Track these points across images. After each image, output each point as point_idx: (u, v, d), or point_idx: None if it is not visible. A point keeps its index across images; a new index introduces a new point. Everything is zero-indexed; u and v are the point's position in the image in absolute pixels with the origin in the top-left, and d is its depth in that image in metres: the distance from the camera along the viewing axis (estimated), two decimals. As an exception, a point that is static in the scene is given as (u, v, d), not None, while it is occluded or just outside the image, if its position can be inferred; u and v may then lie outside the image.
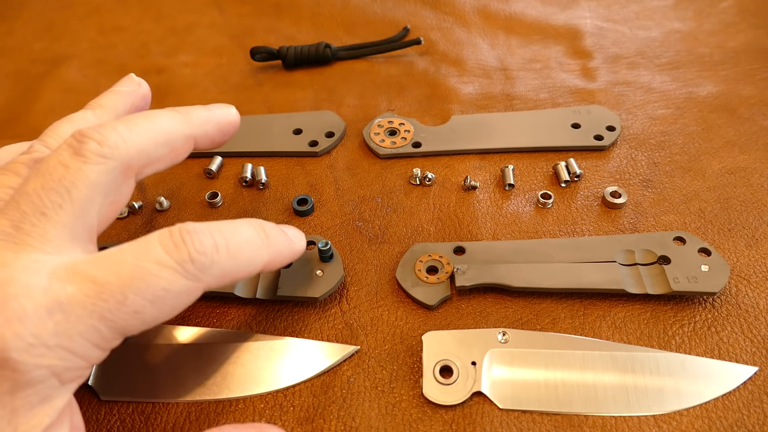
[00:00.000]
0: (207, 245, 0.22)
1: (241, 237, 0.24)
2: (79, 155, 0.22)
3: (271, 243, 0.25)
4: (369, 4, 0.58)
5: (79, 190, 0.22)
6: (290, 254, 0.27)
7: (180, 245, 0.21)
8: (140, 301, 0.20)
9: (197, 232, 0.22)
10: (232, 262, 0.23)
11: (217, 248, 0.22)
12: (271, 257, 0.25)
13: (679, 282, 0.31)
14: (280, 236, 0.26)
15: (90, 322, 0.20)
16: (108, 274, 0.20)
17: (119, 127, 0.24)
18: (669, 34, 0.51)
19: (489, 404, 0.28)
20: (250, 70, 0.51)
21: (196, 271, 0.21)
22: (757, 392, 0.28)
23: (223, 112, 0.29)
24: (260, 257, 0.25)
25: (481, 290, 0.33)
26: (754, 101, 0.44)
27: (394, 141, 0.42)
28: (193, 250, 0.21)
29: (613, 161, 0.40)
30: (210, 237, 0.22)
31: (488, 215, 0.37)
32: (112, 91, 0.30)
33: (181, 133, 0.26)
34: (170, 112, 0.26)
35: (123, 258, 0.21)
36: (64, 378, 0.20)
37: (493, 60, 0.50)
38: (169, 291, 0.21)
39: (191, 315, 0.33)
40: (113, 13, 0.60)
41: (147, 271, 0.21)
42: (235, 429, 0.23)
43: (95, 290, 0.20)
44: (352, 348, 0.31)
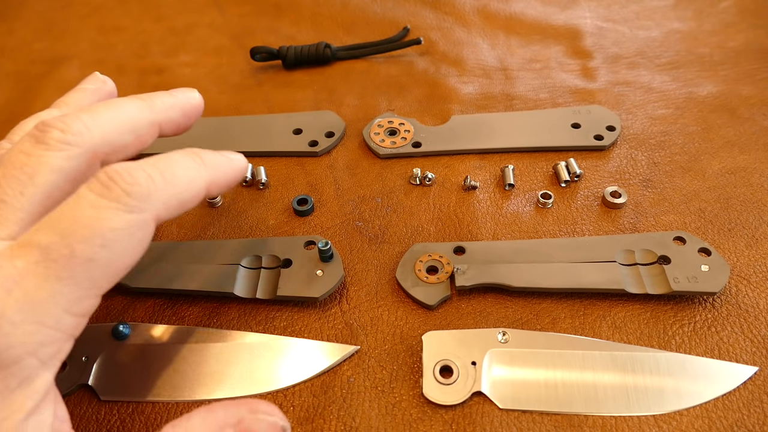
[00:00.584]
0: (138, 177, 0.22)
1: (173, 163, 0.23)
2: (41, 143, 0.22)
3: (206, 163, 0.25)
4: (369, 4, 0.58)
5: (41, 176, 0.22)
6: (231, 171, 0.27)
7: (110, 184, 0.21)
8: (89, 248, 0.20)
9: (125, 169, 0.22)
10: (171, 187, 0.23)
11: (150, 178, 0.22)
12: (211, 176, 0.25)
13: (679, 282, 0.31)
14: (215, 156, 0.26)
15: (48, 287, 0.20)
16: (49, 235, 0.20)
17: (82, 115, 0.24)
18: (669, 34, 0.51)
19: (489, 404, 0.28)
20: (250, 70, 0.51)
21: (136, 202, 0.21)
22: (757, 392, 0.28)
23: (186, 96, 0.29)
24: (200, 177, 0.24)
25: (481, 290, 0.33)
26: (754, 101, 0.44)
27: (394, 141, 0.42)
28: (125, 185, 0.21)
29: (613, 161, 0.40)
30: (140, 170, 0.22)
31: (488, 215, 0.37)
32: (77, 89, 0.30)
33: (146, 120, 0.26)
34: (134, 99, 0.27)
35: (59, 215, 0.21)
36: (41, 354, 0.20)
37: (493, 60, 0.50)
38: (116, 229, 0.21)
39: (191, 315, 0.33)
40: (113, 13, 0.60)
41: (85, 217, 0.20)
42: (224, 406, 0.22)
43: (42, 254, 0.20)
44: (352, 348, 0.31)
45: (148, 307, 0.33)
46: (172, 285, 0.33)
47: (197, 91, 0.30)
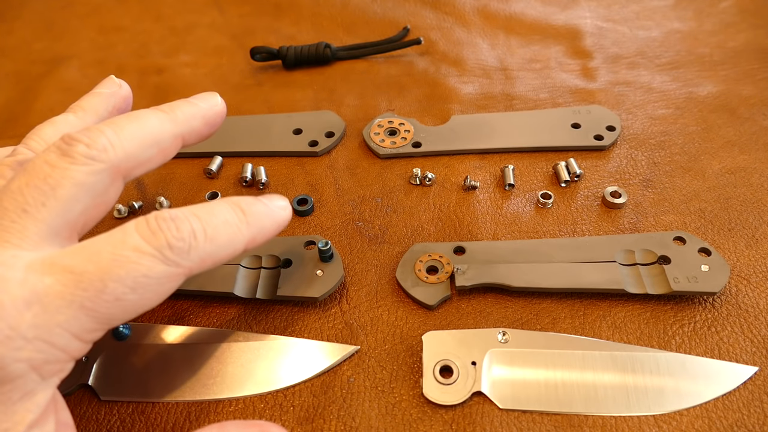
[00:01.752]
0: (184, 231, 0.22)
1: (218, 219, 0.23)
2: (67, 156, 0.22)
3: (250, 221, 0.25)
4: (369, 4, 0.58)
5: (64, 189, 0.22)
6: (274, 226, 0.26)
7: (157, 232, 0.21)
8: (120, 288, 0.20)
9: (173, 218, 0.22)
10: (211, 245, 0.23)
11: (194, 233, 0.22)
12: (252, 234, 0.25)
13: (679, 282, 0.31)
14: (260, 210, 0.26)
15: (69, 312, 0.20)
16: (86, 263, 0.20)
17: (107, 130, 0.24)
18: (669, 34, 0.51)
19: (489, 404, 0.28)
20: (250, 70, 0.51)
21: (175, 256, 0.21)
22: (757, 392, 0.28)
23: (208, 104, 0.29)
24: (240, 236, 0.24)
25: (481, 290, 0.33)
26: (754, 101, 0.44)
27: (394, 141, 0.42)
28: (171, 237, 0.21)
29: (613, 161, 0.40)
30: (186, 222, 0.22)
31: (488, 215, 0.37)
32: (93, 93, 0.29)
33: (169, 133, 0.26)
34: (156, 112, 0.26)
35: (100, 247, 0.21)
36: (44, 372, 0.20)
37: (493, 60, 0.50)
38: (150, 277, 0.21)
39: (191, 315, 0.33)
40: (113, 13, 0.60)
41: (126, 258, 0.21)
42: (237, 426, 0.23)
43: (73, 280, 0.20)
44: (352, 348, 0.31)
45: (148, 307, 0.33)
46: None
47: (218, 95, 0.30)
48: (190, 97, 0.29)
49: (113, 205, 0.25)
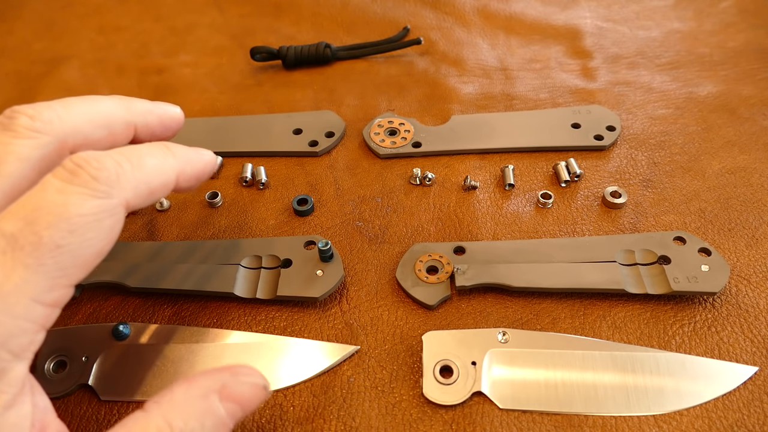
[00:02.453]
0: (106, 163, 0.21)
1: (141, 151, 0.23)
2: (9, 130, 0.22)
3: (175, 153, 0.25)
4: (369, 4, 0.58)
5: (8, 165, 0.22)
6: (201, 164, 0.27)
7: (77, 170, 0.21)
8: (57, 234, 0.20)
9: (93, 155, 0.21)
10: (140, 173, 0.22)
11: (118, 163, 0.22)
12: (181, 166, 0.25)
13: (679, 282, 0.31)
14: (185, 149, 0.26)
15: (16, 276, 0.19)
16: (14, 222, 0.20)
17: (55, 104, 0.24)
18: (669, 34, 0.51)
19: (489, 404, 0.28)
20: (250, 70, 0.51)
21: (104, 187, 0.21)
22: (757, 392, 0.28)
23: (165, 107, 0.29)
24: (168, 165, 0.24)
25: (481, 290, 0.33)
26: (754, 101, 0.44)
27: (394, 141, 0.42)
28: (92, 170, 0.21)
29: (613, 161, 0.40)
30: (107, 157, 0.22)
31: (488, 215, 0.37)
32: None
33: (122, 119, 0.26)
34: (112, 97, 0.26)
35: (24, 203, 0.20)
36: (11, 347, 0.20)
37: (493, 60, 0.50)
38: (83, 215, 0.20)
39: (191, 315, 0.33)
40: (113, 13, 0.60)
41: (51, 203, 0.20)
42: (205, 375, 0.22)
43: (7, 243, 0.19)
44: (352, 348, 0.31)
45: (148, 307, 0.33)
46: (172, 285, 0.33)
47: (179, 107, 0.30)
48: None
49: None
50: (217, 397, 0.22)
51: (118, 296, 0.34)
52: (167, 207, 0.39)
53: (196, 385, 0.22)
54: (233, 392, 0.22)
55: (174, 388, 0.22)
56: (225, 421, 0.22)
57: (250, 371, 0.23)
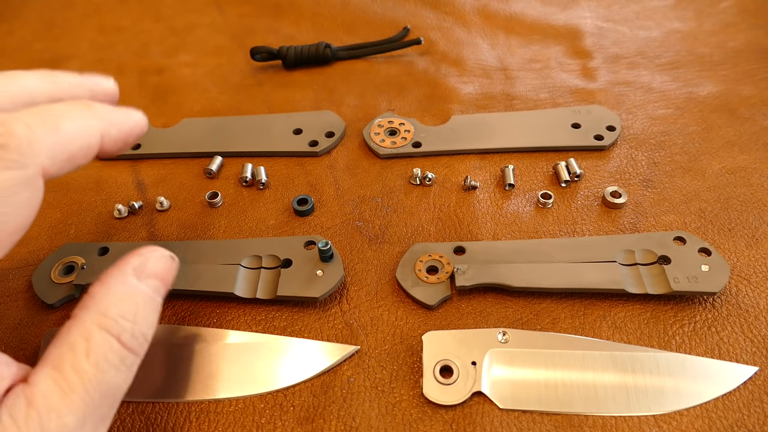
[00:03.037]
0: (15, 128, 0.20)
1: (57, 111, 0.21)
2: None
3: (99, 114, 0.23)
4: (369, 4, 0.58)
5: None
6: (128, 124, 0.25)
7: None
8: None
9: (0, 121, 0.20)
10: (57, 136, 0.21)
11: (29, 127, 0.20)
12: (105, 127, 0.23)
13: (679, 282, 0.31)
14: (109, 108, 0.24)
15: None
16: None
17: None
18: (669, 34, 0.51)
19: (489, 404, 0.28)
20: (250, 70, 0.51)
21: (16, 156, 0.19)
22: (757, 392, 0.28)
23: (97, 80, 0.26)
24: (90, 126, 0.22)
25: (481, 290, 0.33)
26: (754, 101, 0.44)
27: (394, 141, 0.42)
28: (1, 138, 0.19)
29: (613, 161, 0.40)
30: (17, 120, 0.20)
31: (488, 215, 0.37)
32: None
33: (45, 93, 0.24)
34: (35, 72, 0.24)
35: None
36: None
37: (493, 60, 0.50)
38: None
39: (191, 315, 0.33)
40: (113, 13, 0.60)
41: None
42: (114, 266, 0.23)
43: None
44: (352, 348, 0.31)
45: (148, 307, 0.33)
46: (172, 285, 0.33)
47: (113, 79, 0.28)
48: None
49: None
50: (134, 279, 0.23)
51: (118, 296, 0.34)
52: (167, 207, 0.39)
53: (109, 277, 0.23)
54: (145, 269, 0.23)
55: (90, 289, 0.22)
56: (152, 296, 0.23)
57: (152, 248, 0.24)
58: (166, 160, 0.43)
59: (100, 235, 0.37)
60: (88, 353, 0.20)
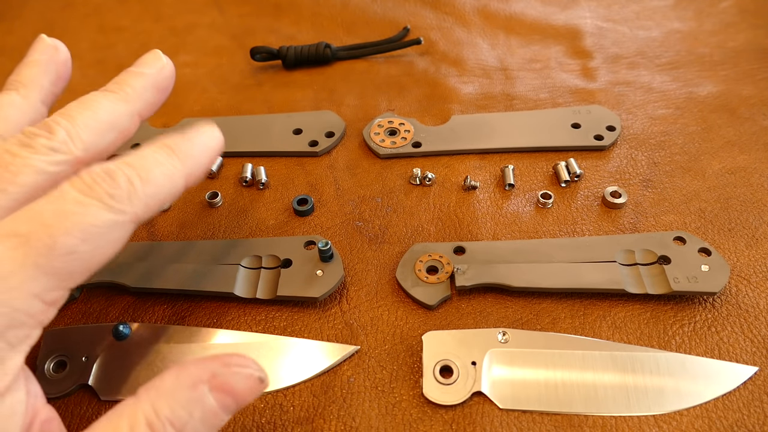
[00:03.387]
0: (119, 181, 0.22)
1: (149, 163, 0.24)
2: (28, 146, 0.23)
3: (182, 156, 0.25)
4: (369, 4, 0.58)
5: (26, 176, 0.22)
6: (208, 156, 0.27)
7: (93, 185, 0.22)
8: (71, 240, 0.21)
9: (106, 171, 0.22)
10: (150, 188, 0.23)
11: (130, 182, 0.22)
12: (188, 169, 0.25)
13: (679, 282, 0.31)
14: (190, 147, 0.26)
15: (24, 273, 0.20)
16: (30, 224, 0.21)
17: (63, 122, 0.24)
18: (669, 34, 0.51)
19: (489, 404, 0.28)
20: (250, 70, 0.51)
21: (117, 204, 0.22)
22: (757, 392, 0.28)
23: (155, 68, 0.29)
24: (176, 173, 0.24)
25: (481, 290, 0.33)
26: (754, 101, 0.44)
27: (394, 141, 0.42)
28: (107, 187, 0.22)
29: (613, 161, 0.40)
30: (119, 172, 0.22)
31: (488, 215, 0.37)
32: (28, 62, 0.29)
33: (125, 114, 0.27)
34: (107, 95, 0.26)
35: (41, 208, 0.21)
36: (10, 338, 0.20)
37: (493, 60, 0.50)
38: (97, 226, 0.21)
39: (191, 315, 0.33)
40: (113, 13, 0.60)
41: (69, 211, 0.21)
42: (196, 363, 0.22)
43: (21, 242, 0.20)
44: (352, 348, 0.31)
45: (148, 307, 0.33)
46: (172, 285, 0.33)
47: (161, 53, 0.30)
48: (134, 65, 0.29)
49: None
50: (206, 387, 0.21)
51: (118, 296, 0.34)
52: (167, 207, 0.39)
53: (185, 373, 0.22)
54: (224, 383, 0.21)
55: (164, 375, 0.22)
56: (216, 412, 0.21)
57: (244, 361, 0.22)
58: (166, 160, 0.42)
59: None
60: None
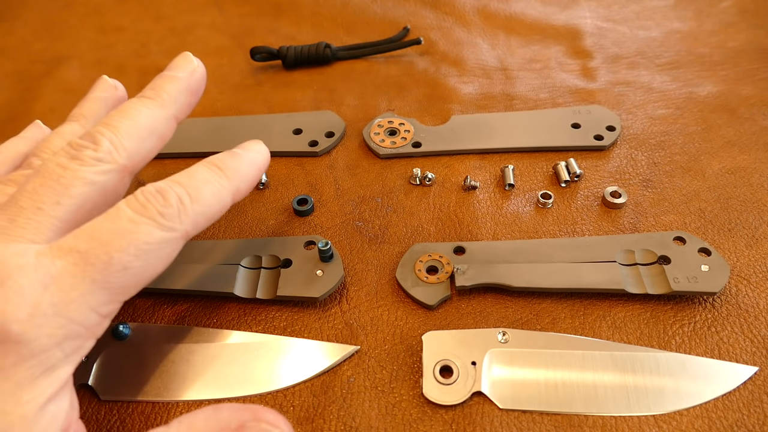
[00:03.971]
0: (170, 200, 0.24)
1: (198, 182, 0.25)
2: (76, 159, 0.24)
3: (229, 175, 0.27)
4: (369, 4, 0.58)
5: (77, 188, 0.24)
6: (255, 173, 0.28)
7: (146, 204, 0.23)
8: (125, 257, 0.22)
9: (159, 191, 0.24)
10: (199, 206, 0.25)
11: (180, 200, 0.24)
12: (236, 187, 0.27)
13: (679, 282, 0.31)
14: (238, 164, 0.27)
15: (82, 287, 0.21)
16: (89, 241, 0.22)
17: (106, 133, 0.26)
18: (669, 34, 0.51)
19: (489, 404, 0.28)
20: (250, 70, 0.51)
21: (168, 222, 0.23)
22: (757, 392, 0.28)
23: (187, 72, 0.30)
24: (224, 192, 0.26)
25: (481, 290, 0.33)
26: (754, 101, 0.44)
27: (394, 141, 0.42)
28: (159, 207, 0.23)
29: (613, 161, 0.40)
30: (170, 192, 0.24)
31: (488, 215, 0.37)
32: (91, 98, 0.31)
33: (163, 120, 0.28)
34: (145, 101, 0.28)
35: (99, 226, 0.23)
36: (65, 348, 0.22)
37: (493, 60, 0.50)
38: (150, 243, 0.23)
39: (191, 315, 0.33)
40: (113, 13, 0.60)
41: (124, 230, 0.23)
42: (230, 408, 0.23)
43: (81, 258, 0.22)
44: (352, 348, 0.31)
45: (148, 307, 0.33)
46: (172, 285, 0.33)
47: (191, 55, 0.31)
48: (166, 70, 0.30)
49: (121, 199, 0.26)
50: None
51: (118, 296, 0.34)
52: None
53: (217, 416, 0.22)
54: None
55: (198, 412, 0.23)
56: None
57: (275, 419, 0.23)
58: (166, 160, 0.43)
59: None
60: None
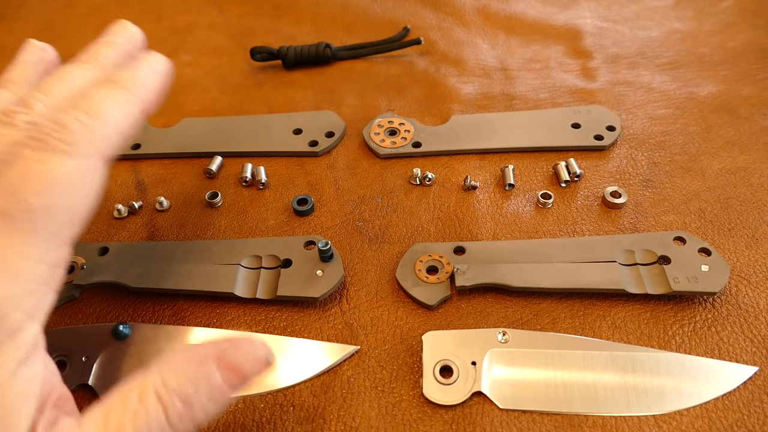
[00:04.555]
0: (70, 125, 0.22)
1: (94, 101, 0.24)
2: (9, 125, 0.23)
3: (129, 87, 0.25)
4: (369, 4, 0.58)
5: None
6: (158, 80, 0.27)
7: (46, 139, 0.22)
8: (44, 198, 0.21)
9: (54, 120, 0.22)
10: (105, 125, 0.23)
11: (81, 123, 0.23)
12: (141, 99, 0.25)
13: (679, 282, 0.31)
14: (134, 75, 0.26)
15: (15, 243, 0.21)
16: (2, 197, 0.21)
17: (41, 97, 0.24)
18: (669, 34, 0.51)
19: (489, 404, 0.28)
20: (250, 70, 0.51)
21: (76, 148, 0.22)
22: (757, 392, 0.28)
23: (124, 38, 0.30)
24: (128, 104, 0.25)
25: (481, 290, 0.33)
26: (754, 101, 0.43)
27: (394, 141, 0.42)
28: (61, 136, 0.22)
29: (613, 161, 0.40)
30: (68, 117, 0.23)
31: (488, 215, 0.37)
32: (18, 62, 0.30)
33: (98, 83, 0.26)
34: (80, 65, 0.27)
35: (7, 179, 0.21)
36: (24, 307, 0.21)
37: (493, 60, 0.50)
38: (65, 175, 0.22)
39: (191, 315, 0.33)
40: (113, 13, 0.60)
41: (32, 171, 0.21)
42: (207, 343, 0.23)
43: (1, 216, 0.21)
44: (352, 348, 0.31)
45: (148, 307, 0.33)
46: (172, 285, 0.33)
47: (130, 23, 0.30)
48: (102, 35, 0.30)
49: None
50: (214, 364, 0.22)
51: (118, 296, 0.34)
52: (167, 207, 0.39)
53: (195, 350, 0.22)
54: (231, 361, 0.22)
55: (175, 350, 0.23)
56: (222, 388, 0.22)
57: (251, 343, 0.23)
58: (166, 160, 0.43)
59: (100, 235, 0.37)
60: (135, 415, 0.21)
